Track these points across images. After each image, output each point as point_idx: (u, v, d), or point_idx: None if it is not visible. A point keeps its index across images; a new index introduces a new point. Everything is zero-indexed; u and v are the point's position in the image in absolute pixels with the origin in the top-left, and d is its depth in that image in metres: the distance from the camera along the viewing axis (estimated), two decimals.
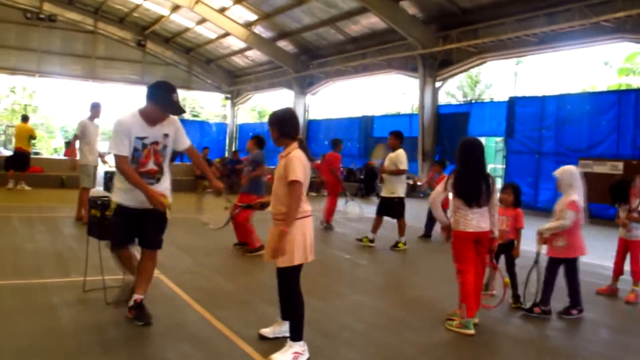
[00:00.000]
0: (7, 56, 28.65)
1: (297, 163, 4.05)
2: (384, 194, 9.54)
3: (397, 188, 9.30)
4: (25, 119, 16.26)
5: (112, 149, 4.58)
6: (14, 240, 7.95)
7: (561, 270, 5.81)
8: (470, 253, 5.08)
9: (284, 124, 4.27)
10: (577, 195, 5.69)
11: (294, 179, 4.00)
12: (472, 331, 4.87)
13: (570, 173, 5.79)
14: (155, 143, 4.71)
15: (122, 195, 4.73)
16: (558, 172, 5.87)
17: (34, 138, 16.27)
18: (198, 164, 5.41)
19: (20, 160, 15.28)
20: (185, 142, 4.99)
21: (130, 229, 4.79)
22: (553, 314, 5.68)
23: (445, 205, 10.16)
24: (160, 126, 4.69)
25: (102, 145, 10.61)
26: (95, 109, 9.91)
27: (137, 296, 4.72)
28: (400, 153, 9.32)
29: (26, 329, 4.40)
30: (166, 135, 4.76)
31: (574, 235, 5.73)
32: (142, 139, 4.60)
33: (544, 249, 5.87)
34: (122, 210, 4.76)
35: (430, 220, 10.56)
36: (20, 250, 7.30)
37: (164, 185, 4.92)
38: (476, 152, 5.16)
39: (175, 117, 4.84)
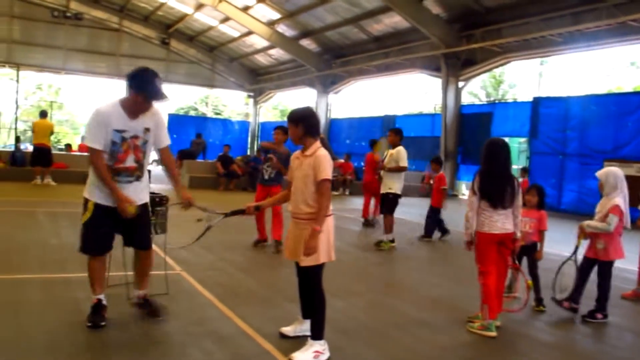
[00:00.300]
0: (34, 54, 29.14)
1: (326, 161, 4.06)
2: (382, 190, 9.42)
3: (394, 184, 9.22)
4: (44, 114, 16.38)
5: (86, 140, 4.31)
6: (40, 235, 8.08)
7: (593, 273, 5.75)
8: (493, 255, 5.03)
9: (311, 123, 4.24)
10: (620, 198, 5.58)
11: (326, 178, 4.02)
12: (494, 333, 4.83)
13: (614, 175, 5.65)
14: (135, 137, 4.36)
15: (99, 194, 4.35)
16: (602, 173, 5.73)
17: (53, 133, 16.48)
18: (170, 169, 4.81)
19: (45, 156, 15.52)
20: (164, 140, 4.61)
21: (110, 233, 4.46)
22: (577, 316, 5.63)
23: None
24: (142, 119, 4.36)
25: None
26: None
27: (142, 292, 4.73)
28: (401, 150, 9.26)
29: (51, 323, 4.46)
30: (147, 130, 4.41)
31: (613, 239, 5.64)
32: (121, 132, 4.26)
33: (583, 244, 5.80)
34: (101, 210, 4.36)
35: (433, 222, 10.43)
36: (46, 244, 7.42)
37: (145, 184, 4.61)
38: (502, 153, 5.09)
39: (159, 111, 4.53)
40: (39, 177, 15.31)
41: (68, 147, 28.19)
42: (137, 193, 4.49)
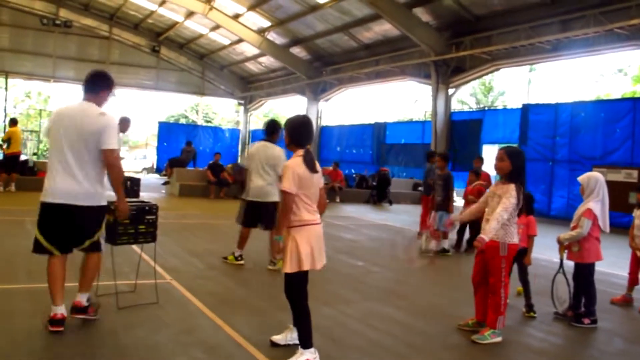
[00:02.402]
0: (23, 61, 29.05)
1: (287, 172, 4.04)
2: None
3: None
4: (15, 122, 16.17)
5: (114, 145, 4.52)
6: (27, 244, 8.00)
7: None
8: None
9: (295, 131, 4.27)
10: (594, 203, 5.67)
11: (282, 189, 4.04)
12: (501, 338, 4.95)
13: (595, 179, 5.77)
14: None
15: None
16: (584, 178, 5.84)
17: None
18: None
19: (19, 163, 15.73)
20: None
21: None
22: (562, 320, 5.72)
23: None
24: None
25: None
26: (124, 123, 10.00)
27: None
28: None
29: (39, 332, 4.43)
30: None
31: (589, 242, 5.72)
32: None
33: (566, 255, 5.90)
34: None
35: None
36: (33, 254, 7.34)
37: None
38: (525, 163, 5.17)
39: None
40: (12, 185, 15.33)
41: None
42: None
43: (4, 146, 15.82)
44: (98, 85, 4.68)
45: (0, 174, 15.43)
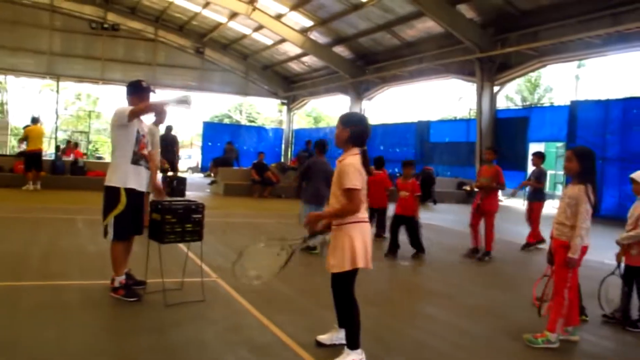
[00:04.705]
0: (74, 64, 29.85)
1: (351, 170, 3.98)
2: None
3: None
4: (36, 120, 16.37)
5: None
6: (79, 242, 8.23)
7: None
8: None
9: (358, 130, 4.14)
10: None
11: (349, 187, 3.95)
12: (558, 343, 4.79)
13: None
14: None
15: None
16: (636, 175, 5.63)
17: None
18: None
19: (39, 160, 15.92)
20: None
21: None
22: (610, 322, 5.58)
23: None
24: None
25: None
26: (160, 115, 9.98)
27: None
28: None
29: (89, 327, 4.53)
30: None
31: None
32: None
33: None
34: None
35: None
36: (85, 252, 7.55)
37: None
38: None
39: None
40: (31, 183, 15.59)
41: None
42: None
43: (22, 145, 16.23)
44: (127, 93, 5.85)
45: (26, 172, 15.73)
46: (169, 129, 16.27)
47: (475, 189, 9.60)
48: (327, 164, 8.54)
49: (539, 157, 10.31)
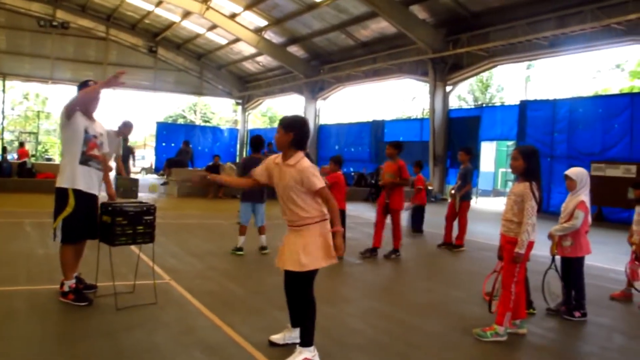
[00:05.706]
0: (21, 63, 29.06)
1: (311, 172, 4.06)
2: None
3: None
4: None
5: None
6: (27, 246, 8.01)
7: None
8: None
9: (302, 133, 4.19)
10: (585, 196, 5.75)
11: (320, 187, 4.04)
12: (506, 337, 4.93)
13: (586, 174, 5.89)
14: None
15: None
16: (573, 172, 5.90)
17: None
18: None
19: None
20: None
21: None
22: (556, 316, 5.76)
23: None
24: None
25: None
26: (126, 127, 9.42)
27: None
28: None
29: (37, 335, 4.42)
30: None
31: (580, 235, 5.76)
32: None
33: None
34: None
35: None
36: (33, 255, 7.35)
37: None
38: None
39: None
40: None
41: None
42: None
43: None
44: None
45: None
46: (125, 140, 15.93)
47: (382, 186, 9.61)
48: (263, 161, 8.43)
49: (467, 153, 9.89)
